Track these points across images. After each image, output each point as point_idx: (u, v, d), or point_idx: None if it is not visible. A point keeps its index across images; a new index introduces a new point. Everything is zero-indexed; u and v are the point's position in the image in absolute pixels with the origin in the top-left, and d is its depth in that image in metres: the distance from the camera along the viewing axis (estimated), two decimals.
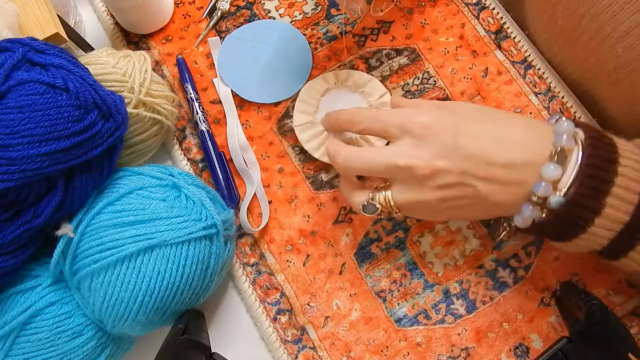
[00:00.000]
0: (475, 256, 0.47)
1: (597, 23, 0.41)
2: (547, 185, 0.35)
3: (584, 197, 0.34)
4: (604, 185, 0.34)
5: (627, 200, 0.34)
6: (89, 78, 0.39)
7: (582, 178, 0.34)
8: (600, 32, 0.41)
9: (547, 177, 0.35)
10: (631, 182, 0.34)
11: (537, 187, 0.35)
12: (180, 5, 0.55)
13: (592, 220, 0.35)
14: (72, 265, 0.39)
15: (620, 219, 0.35)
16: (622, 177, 0.34)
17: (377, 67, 0.52)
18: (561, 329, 0.45)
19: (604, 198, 0.34)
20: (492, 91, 0.50)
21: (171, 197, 0.41)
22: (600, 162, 0.34)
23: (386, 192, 0.39)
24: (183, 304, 0.40)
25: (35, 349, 0.38)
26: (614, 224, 0.35)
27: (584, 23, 0.42)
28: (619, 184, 0.34)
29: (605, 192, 0.34)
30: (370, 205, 0.39)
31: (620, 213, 0.34)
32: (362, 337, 0.46)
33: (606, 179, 0.34)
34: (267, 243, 0.48)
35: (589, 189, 0.34)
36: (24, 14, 0.44)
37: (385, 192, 0.39)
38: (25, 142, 0.35)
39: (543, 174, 0.35)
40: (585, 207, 0.34)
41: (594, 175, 0.34)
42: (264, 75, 0.52)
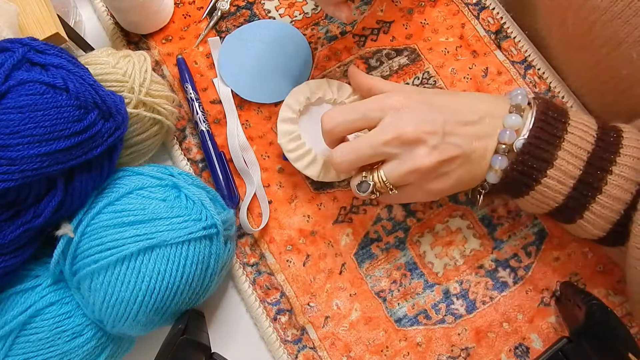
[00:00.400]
0: (475, 256, 0.47)
1: (609, 29, 0.41)
2: (512, 133, 0.39)
3: (535, 147, 0.38)
4: (554, 139, 0.38)
5: (577, 155, 0.38)
6: (89, 78, 0.39)
7: (534, 130, 0.38)
8: (614, 38, 0.41)
9: (510, 125, 0.39)
10: (580, 140, 0.38)
11: (503, 135, 0.39)
12: (180, 5, 0.55)
13: (545, 171, 0.38)
14: (72, 265, 0.39)
15: (570, 172, 0.38)
16: (571, 135, 0.38)
17: (377, 67, 0.52)
18: (561, 329, 0.45)
19: (554, 150, 0.38)
20: (492, 91, 0.50)
21: (171, 197, 0.41)
22: (551, 120, 0.39)
23: (379, 171, 0.40)
24: (183, 304, 0.40)
25: (35, 349, 0.38)
26: (565, 177, 0.38)
27: (595, 29, 0.43)
28: (568, 140, 0.38)
29: (555, 145, 0.38)
30: (364, 183, 0.41)
31: (571, 167, 0.38)
32: (362, 337, 0.46)
33: (556, 134, 0.38)
34: (267, 243, 0.48)
35: (541, 140, 0.38)
36: (24, 14, 0.44)
37: (379, 172, 0.40)
38: (25, 142, 0.35)
39: (506, 123, 0.39)
40: (537, 157, 0.38)
41: (545, 128, 0.38)
42: (264, 75, 0.52)
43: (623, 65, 0.42)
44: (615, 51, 0.42)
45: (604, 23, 0.42)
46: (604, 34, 0.42)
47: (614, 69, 0.43)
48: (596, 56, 0.45)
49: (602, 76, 0.46)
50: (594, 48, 0.44)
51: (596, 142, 0.38)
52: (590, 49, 0.45)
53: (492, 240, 0.47)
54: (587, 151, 0.38)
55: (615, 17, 0.40)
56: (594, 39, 0.43)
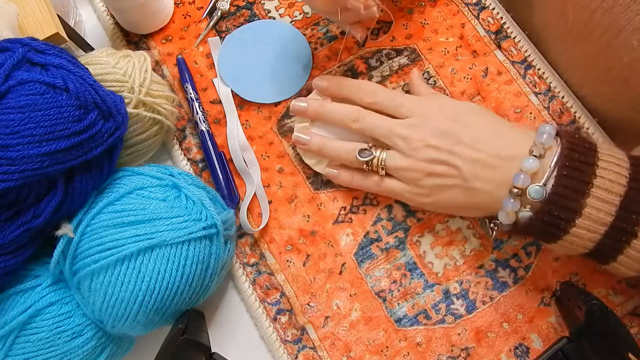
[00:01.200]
0: (475, 256, 0.47)
1: (610, 17, 0.41)
2: (526, 177, 0.37)
3: (562, 197, 0.36)
4: (581, 185, 0.36)
5: (608, 201, 0.36)
6: (89, 78, 0.39)
7: (560, 178, 0.37)
8: (614, 26, 0.41)
9: (526, 168, 0.38)
10: (611, 183, 0.36)
11: (517, 178, 0.38)
12: (180, 5, 0.55)
13: (573, 221, 0.36)
14: (72, 265, 0.39)
15: (602, 220, 0.36)
16: (601, 179, 0.36)
17: (377, 67, 0.52)
18: (561, 329, 0.45)
19: (583, 198, 0.36)
20: (492, 91, 0.50)
21: (171, 197, 0.41)
22: (577, 163, 0.37)
23: (382, 152, 0.44)
24: (183, 304, 0.40)
25: (35, 349, 0.38)
26: (596, 225, 0.36)
27: (596, 17, 0.42)
28: (598, 185, 0.36)
29: (584, 192, 0.36)
30: (366, 151, 0.44)
31: (602, 214, 0.36)
32: (362, 337, 0.46)
33: (584, 180, 0.36)
34: (267, 243, 0.48)
35: (567, 189, 0.36)
36: (24, 14, 0.44)
37: (381, 152, 0.44)
38: (25, 142, 0.34)
39: (522, 166, 0.38)
40: (564, 207, 0.36)
41: (572, 175, 0.36)
42: (264, 75, 0.52)
43: (624, 54, 0.42)
44: (615, 39, 0.42)
45: (604, 11, 0.41)
46: (604, 22, 0.42)
47: (615, 58, 0.43)
48: (597, 45, 0.44)
49: (603, 66, 0.45)
50: (594, 37, 0.44)
51: (629, 184, 0.36)
52: (590, 38, 0.44)
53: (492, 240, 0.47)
54: (620, 195, 0.36)
55: (615, 4, 0.40)
56: (594, 27, 0.43)
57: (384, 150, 0.44)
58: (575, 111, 0.50)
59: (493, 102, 0.50)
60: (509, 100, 0.50)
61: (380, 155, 0.44)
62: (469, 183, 0.40)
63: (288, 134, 0.51)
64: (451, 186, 0.41)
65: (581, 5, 0.44)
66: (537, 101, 0.50)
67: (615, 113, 0.47)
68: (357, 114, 0.45)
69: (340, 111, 0.46)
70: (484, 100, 0.50)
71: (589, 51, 0.46)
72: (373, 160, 0.44)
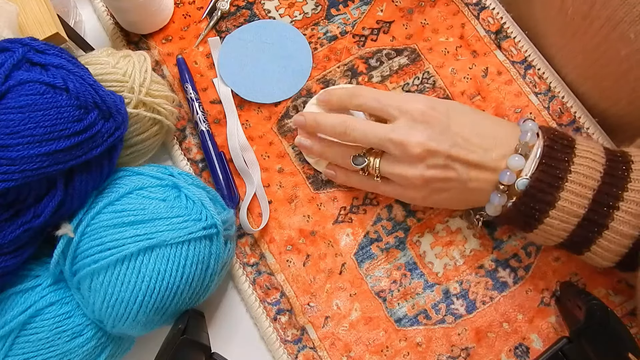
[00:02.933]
0: (475, 256, 0.47)
1: (608, 9, 0.42)
2: (512, 174, 0.40)
3: (538, 190, 0.39)
4: (556, 180, 0.38)
5: (581, 195, 0.38)
6: (89, 78, 0.39)
7: (537, 172, 0.39)
8: (612, 18, 0.42)
9: (512, 167, 0.40)
10: (585, 178, 0.38)
11: (503, 176, 0.40)
12: (180, 5, 0.55)
13: (546, 212, 0.39)
14: (72, 265, 0.39)
15: (574, 212, 0.38)
16: (575, 174, 0.38)
17: (377, 67, 0.52)
18: (561, 329, 0.45)
19: (557, 192, 0.38)
20: (492, 91, 0.50)
21: (171, 197, 0.41)
22: (554, 161, 0.39)
23: (376, 158, 0.43)
24: (183, 304, 0.40)
25: (35, 349, 0.38)
26: (569, 217, 0.38)
27: (594, 10, 0.43)
28: (572, 180, 0.38)
29: (558, 186, 0.38)
30: (360, 158, 0.44)
31: (575, 207, 0.38)
32: (362, 337, 0.46)
33: (559, 175, 0.38)
34: (267, 243, 0.48)
35: (543, 183, 0.38)
36: (24, 14, 0.44)
37: (376, 158, 0.43)
38: (25, 142, 0.34)
39: (509, 164, 0.40)
40: (539, 200, 0.39)
41: (547, 171, 0.38)
42: (264, 75, 0.52)
43: (622, 46, 0.43)
44: (613, 32, 0.42)
45: (603, 3, 0.42)
46: (602, 15, 0.43)
47: (613, 50, 0.44)
48: (595, 39, 0.45)
49: (601, 60, 0.46)
50: (593, 30, 0.44)
51: (603, 178, 0.38)
52: (589, 32, 0.45)
53: (492, 240, 0.47)
54: (593, 189, 0.38)
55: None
56: (593, 20, 0.44)
57: (378, 157, 0.43)
58: (575, 111, 0.50)
59: (493, 102, 0.50)
60: (509, 100, 0.50)
61: (374, 162, 0.43)
62: (464, 184, 0.41)
63: (288, 134, 0.51)
64: (448, 189, 0.42)
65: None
66: (537, 101, 0.50)
67: (615, 109, 0.48)
68: (344, 126, 0.43)
69: (327, 123, 0.45)
70: (484, 100, 0.50)
71: (589, 45, 0.46)
72: (368, 166, 0.44)
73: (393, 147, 0.41)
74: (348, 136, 0.44)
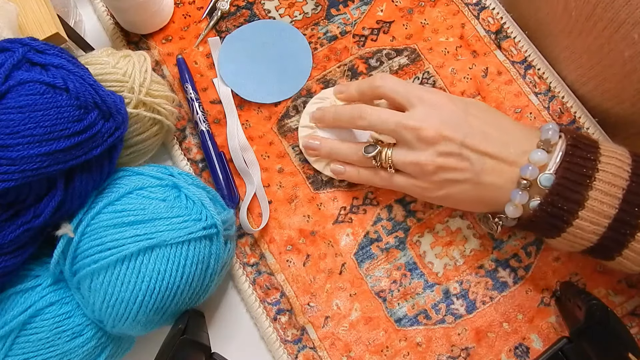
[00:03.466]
0: (475, 256, 0.47)
1: (611, 11, 0.41)
2: (534, 169, 0.38)
3: (565, 188, 0.37)
4: (584, 178, 0.37)
5: (611, 194, 0.36)
6: (89, 78, 0.39)
7: (563, 171, 0.37)
8: (615, 20, 0.41)
9: (535, 161, 0.38)
10: (613, 177, 0.37)
11: (525, 170, 0.38)
12: (180, 5, 0.55)
13: (576, 213, 0.37)
14: (72, 265, 0.39)
15: (605, 212, 0.36)
16: (603, 172, 0.37)
17: (377, 67, 0.52)
18: (561, 329, 0.45)
19: (586, 191, 0.36)
20: (492, 91, 0.50)
21: (171, 197, 0.41)
22: (579, 159, 0.37)
23: (389, 148, 0.43)
24: (183, 304, 0.40)
25: (35, 349, 0.38)
26: (599, 217, 0.37)
27: (597, 11, 0.43)
28: (600, 178, 0.36)
29: (587, 185, 0.37)
30: (371, 147, 0.44)
31: (605, 207, 0.36)
32: (362, 337, 0.46)
33: (586, 173, 0.37)
34: (267, 243, 0.48)
35: (570, 182, 0.37)
36: (24, 14, 0.44)
37: (388, 149, 0.43)
38: (25, 142, 0.34)
39: (531, 158, 0.39)
40: (567, 199, 0.37)
41: (574, 169, 0.37)
42: (264, 75, 0.52)
43: (625, 48, 0.42)
44: (616, 33, 0.42)
45: (606, 4, 0.42)
46: (605, 16, 0.42)
47: (617, 52, 0.43)
48: (599, 40, 0.44)
49: (605, 60, 0.46)
50: (596, 31, 0.44)
51: (631, 177, 0.37)
52: (593, 32, 0.45)
53: (492, 240, 0.47)
54: (622, 188, 0.36)
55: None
56: (596, 21, 0.43)
57: (390, 147, 0.43)
58: (575, 111, 0.50)
59: (493, 102, 0.50)
60: (509, 100, 0.50)
61: (385, 152, 0.43)
62: (479, 177, 0.40)
63: (288, 134, 0.51)
64: (462, 181, 0.40)
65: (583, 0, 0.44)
66: (537, 101, 0.50)
67: (618, 110, 0.48)
68: (360, 110, 0.43)
69: (345, 112, 0.45)
70: (484, 100, 0.50)
71: (593, 46, 0.46)
72: (380, 155, 0.43)
73: (407, 133, 0.41)
74: (364, 120, 0.43)
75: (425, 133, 0.40)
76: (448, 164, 0.40)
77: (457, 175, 0.40)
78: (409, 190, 0.44)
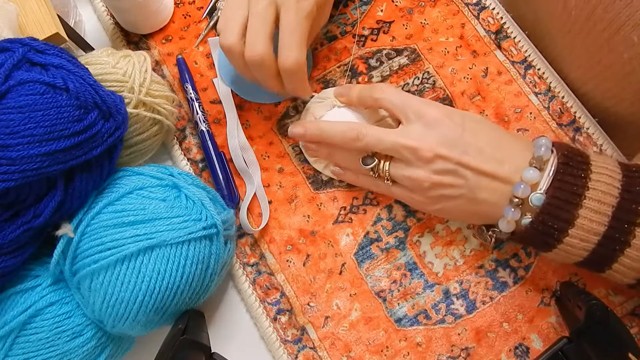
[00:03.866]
0: (475, 256, 0.47)
1: (611, 12, 0.41)
2: (526, 187, 0.39)
3: (556, 207, 0.37)
4: (574, 197, 0.37)
5: (600, 212, 0.37)
6: (89, 78, 0.39)
7: (554, 190, 0.38)
8: (615, 21, 0.41)
9: (527, 179, 0.39)
10: (603, 194, 0.37)
11: (517, 189, 0.39)
12: (180, 5, 0.55)
13: (566, 231, 0.37)
14: (72, 265, 0.39)
15: (594, 230, 0.37)
16: (593, 190, 0.37)
17: (377, 67, 0.52)
18: (561, 329, 0.45)
19: (575, 209, 0.37)
20: (492, 91, 0.50)
21: (171, 197, 0.41)
22: (570, 177, 0.38)
23: (386, 161, 0.43)
24: (183, 304, 0.40)
25: (35, 349, 0.38)
26: (589, 235, 0.37)
27: (597, 12, 0.43)
28: (590, 197, 0.37)
29: (576, 204, 0.37)
30: (369, 159, 0.44)
31: (594, 225, 0.37)
32: (362, 337, 0.46)
33: (576, 192, 0.37)
34: (267, 243, 0.48)
35: (560, 201, 0.37)
36: (24, 14, 0.44)
37: (386, 162, 0.43)
38: (25, 142, 0.34)
39: (523, 177, 0.39)
40: (557, 218, 0.37)
41: (564, 188, 0.37)
42: None
43: (625, 49, 0.42)
44: (616, 35, 0.42)
45: (605, 6, 0.42)
46: (605, 18, 0.42)
47: (616, 53, 0.43)
48: (599, 40, 0.44)
49: (605, 61, 0.45)
50: (596, 32, 0.44)
51: (621, 195, 0.37)
52: (592, 33, 0.44)
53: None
54: (612, 205, 0.37)
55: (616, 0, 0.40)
56: (596, 22, 0.43)
57: (387, 160, 0.43)
58: (575, 111, 0.50)
59: (493, 102, 0.50)
60: (509, 100, 0.50)
61: (383, 164, 0.43)
62: (474, 194, 0.41)
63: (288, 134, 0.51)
64: (457, 196, 0.41)
65: (583, 0, 0.44)
66: (537, 101, 0.50)
67: (618, 109, 0.48)
68: (357, 132, 0.43)
69: (341, 131, 0.44)
70: (484, 100, 0.50)
71: (592, 47, 0.46)
72: (378, 167, 0.44)
73: (405, 151, 0.41)
74: (360, 142, 0.43)
75: (422, 153, 0.41)
76: (444, 181, 0.41)
77: (452, 192, 0.41)
78: (406, 202, 0.46)
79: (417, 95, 0.51)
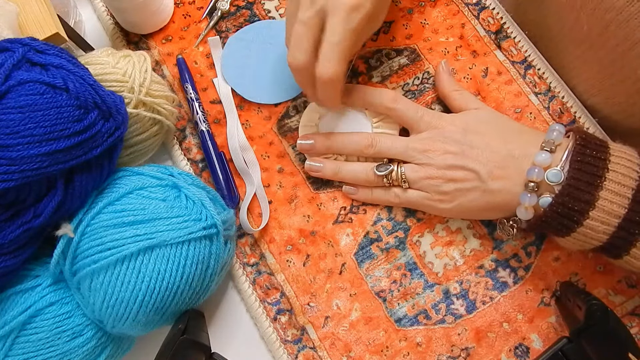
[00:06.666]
0: (475, 256, 0.47)
1: (625, 30, 0.41)
2: (540, 170, 0.39)
3: (575, 189, 0.37)
4: (594, 178, 0.37)
5: (621, 194, 0.37)
6: (89, 78, 0.39)
7: (573, 171, 0.38)
8: (629, 39, 0.41)
9: (539, 162, 0.39)
10: (623, 177, 0.37)
11: (531, 173, 0.39)
12: (180, 5, 0.55)
13: (586, 213, 0.37)
14: (72, 265, 0.39)
15: (615, 212, 0.37)
16: (613, 172, 0.37)
17: (377, 67, 0.52)
18: (561, 329, 0.45)
19: (596, 191, 0.37)
20: (492, 91, 0.50)
21: (171, 197, 0.41)
22: (589, 158, 0.38)
23: (401, 167, 0.45)
24: (183, 304, 0.40)
25: (35, 349, 0.38)
26: (610, 217, 0.37)
27: (610, 29, 0.42)
28: (611, 178, 0.37)
29: (597, 185, 0.37)
30: (383, 166, 0.45)
31: (615, 207, 0.37)
32: (362, 337, 0.46)
33: (597, 173, 0.37)
34: (267, 243, 0.48)
35: (580, 182, 0.37)
36: (24, 14, 0.44)
37: (401, 167, 0.45)
38: (25, 142, 0.35)
39: (535, 160, 0.40)
40: (577, 199, 0.37)
41: (584, 169, 0.37)
42: (265, 75, 0.52)
43: (638, 66, 0.42)
44: (630, 51, 0.42)
45: (619, 23, 0.41)
46: (619, 34, 0.42)
47: (630, 69, 0.43)
48: (612, 55, 0.44)
49: (617, 75, 0.45)
50: (609, 47, 0.44)
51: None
52: (605, 48, 0.44)
53: (492, 240, 0.47)
54: (632, 188, 0.37)
55: (631, 18, 0.40)
56: (609, 38, 0.43)
57: (401, 165, 0.45)
58: (575, 111, 0.50)
59: (493, 102, 0.50)
60: (509, 100, 0.50)
61: (398, 169, 0.45)
62: (487, 184, 0.41)
63: (288, 134, 0.51)
64: (471, 189, 0.42)
65: (595, 17, 0.43)
66: (537, 101, 0.50)
67: (628, 123, 0.47)
68: (370, 139, 0.45)
69: (353, 140, 0.46)
70: (484, 100, 0.50)
71: (605, 60, 0.45)
72: (392, 173, 0.45)
73: (416, 153, 0.44)
74: (373, 148, 0.45)
75: (432, 152, 0.44)
76: (456, 176, 0.42)
77: (465, 185, 0.42)
78: (423, 206, 0.46)
79: (417, 96, 0.51)
